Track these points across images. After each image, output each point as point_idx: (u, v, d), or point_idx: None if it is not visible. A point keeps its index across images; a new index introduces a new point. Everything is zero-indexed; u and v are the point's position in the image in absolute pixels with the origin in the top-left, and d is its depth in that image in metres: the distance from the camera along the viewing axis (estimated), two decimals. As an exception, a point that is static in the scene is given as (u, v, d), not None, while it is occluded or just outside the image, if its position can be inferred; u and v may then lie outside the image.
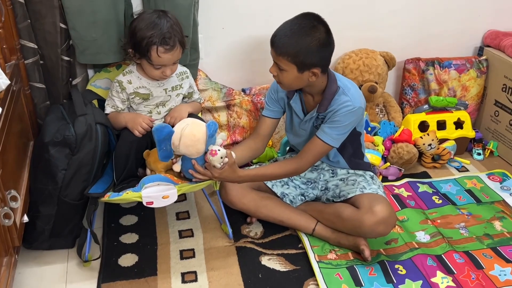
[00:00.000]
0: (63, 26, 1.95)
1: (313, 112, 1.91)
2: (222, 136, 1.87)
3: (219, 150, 1.75)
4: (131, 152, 1.88)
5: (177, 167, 1.84)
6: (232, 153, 1.82)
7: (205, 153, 1.77)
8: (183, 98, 2.07)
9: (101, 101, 2.05)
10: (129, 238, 2.02)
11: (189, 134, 1.73)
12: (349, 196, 1.94)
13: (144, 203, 1.74)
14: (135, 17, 1.91)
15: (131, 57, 1.92)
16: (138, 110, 1.98)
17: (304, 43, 1.72)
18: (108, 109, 1.97)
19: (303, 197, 2.07)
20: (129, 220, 2.12)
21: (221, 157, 1.75)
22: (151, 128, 1.86)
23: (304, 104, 1.95)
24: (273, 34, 1.79)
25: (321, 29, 1.74)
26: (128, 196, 1.75)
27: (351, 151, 2.03)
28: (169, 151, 1.76)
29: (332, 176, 2.07)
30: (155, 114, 2.00)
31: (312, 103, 1.93)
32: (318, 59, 1.75)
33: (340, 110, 1.83)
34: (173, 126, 1.77)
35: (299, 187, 2.09)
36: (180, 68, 2.03)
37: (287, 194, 2.05)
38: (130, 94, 1.94)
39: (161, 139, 1.72)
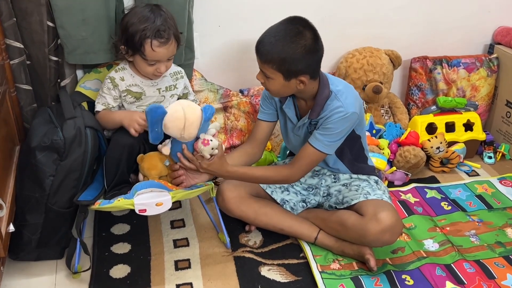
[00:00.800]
0: (50, 24, 1.93)
1: (305, 118, 1.90)
2: (215, 126, 1.86)
3: (211, 140, 1.76)
4: (122, 157, 1.86)
5: (166, 150, 1.84)
6: (223, 145, 1.83)
7: (196, 139, 1.77)
8: (178, 99, 2.05)
9: (91, 104, 2.03)
10: (121, 248, 2.01)
11: (182, 117, 1.73)
12: (353, 202, 1.93)
13: (137, 211, 1.72)
14: (126, 12, 1.90)
15: (123, 55, 1.91)
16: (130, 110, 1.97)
17: (289, 50, 1.70)
18: (99, 107, 1.94)
19: (304, 204, 2.06)
20: (121, 229, 2.11)
21: (212, 148, 1.77)
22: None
23: (297, 109, 1.94)
24: (258, 40, 1.77)
25: (307, 35, 1.72)
26: (119, 203, 1.74)
27: (351, 156, 2.02)
28: (160, 133, 1.77)
29: (334, 182, 2.06)
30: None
31: (305, 108, 1.92)
32: (305, 66, 1.74)
33: (332, 116, 1.81)
34: None
35: (300, 193, 2.08)
36: (174, 68, 2.02)
37: (287, 201, 2.04)
38: (122, 92, 1.93)
39: (154, 120, 1.72)
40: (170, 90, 2.01)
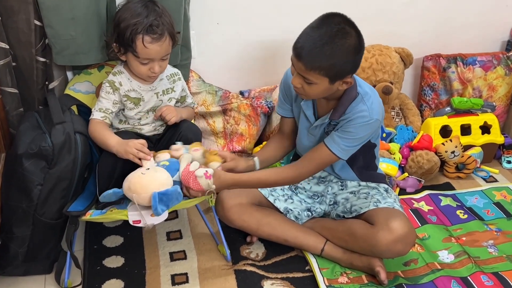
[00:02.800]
0: (38, 23, 1.95)
1: (325, 117, 1.90)
2: (195, 165, 1.81)
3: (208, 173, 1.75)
4: (117, 165, 1.87)
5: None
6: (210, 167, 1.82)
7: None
8: (176, 102, 2.07)
9: (81, 107, 2.06)
10: (114, 261, 2.02)
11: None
12: (362, 211, 1.95)
13: (131, 222, 1.73)
14: (119, 8, 1.92)
15: (116, 53, 1.91)
16: (129, 117, 1.98)
17: (338, 54, 1.68)
18: (96, 114, 1.91)
19: (309, 213, 2.08)
20: (113, 241, 2.12)
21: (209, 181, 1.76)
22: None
23: (316, 108, 1.96)
24: (296, 43, 1.72)
25: (353, 32, 1.71)
26: (112, 214, 1.75)
27: (362, 163, 2.03)
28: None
29: (342, 189, 2.08)
30: (144, 119, 2.01)
31: (326, 107, 1.92)
32: (352, 66, 1.75)
33: (355, 120, 1.82)
34: (165, 122, 1.92)
35: (305, 201, 2.10)
36: (171, 70, 2.04)
37: (291, 210, 2.05)
38: (123, 97, 1.94)
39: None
40: (168, 93, 2.02)
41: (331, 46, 1.66)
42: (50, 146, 1.78)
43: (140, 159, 1.79)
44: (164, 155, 1.84)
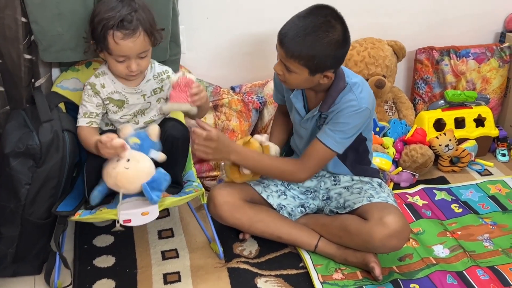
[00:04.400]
0: (23, 19, 1.94)
1: (315, 110, 1.91)
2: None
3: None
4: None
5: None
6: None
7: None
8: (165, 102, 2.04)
9: (69, 104, 2.04)
10: (105, 261, 2.01)
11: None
12: (356, 206, 1.95)
13: (121, 222, 1.73)
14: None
15: (94, 51, 1.86)
16: (114, 121, 1.96)
17: (319, 46, 1.70)
18: (82, 121, 1.87)
19: (303, 209, 2.08)
20: (104, 240, 2.11)
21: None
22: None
23: (306, 101, 1.96)
24: (281, 30, 1.76)
25: (338, 27, 1.72)
26: (102, 214, 1.75)
27: (354, 157, 2.04)
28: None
29: (335, 184, 2.08)
30: (133, 124, 1.97)
31: (315, 100, 1.93)
32: (334, 61, 1.77)
33: (343, 110, 1.83)
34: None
35: (298, 197, 2.09)
36: (158, 68, 1.99)
37: (284, 206, 2.05)
38: (105, 100, 1.90)
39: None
40: (156, 93, 1.97)
41: (313, 37, 1.70)
42: (37, 145, 1.77)
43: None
44: (127, 130, 1.84)
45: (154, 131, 1.85)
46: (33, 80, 2.08)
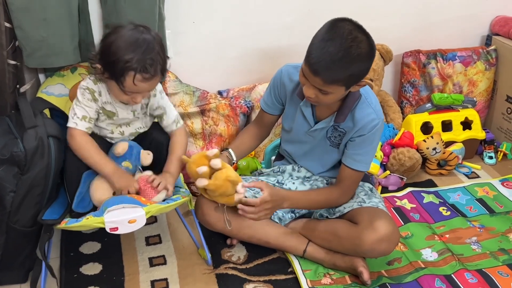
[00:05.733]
0: (7, 25, 1.92)
1: (329, 120, 1.91)
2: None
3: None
4: (84, 170, 1.85)
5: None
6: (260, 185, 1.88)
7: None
8: (153, 118, 2.02)
9: (54, 111, 2.03)
10: (92, 268, 2.00)
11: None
12: (346, 210, 1.95)
13: (108, 230, 1.72)
14: (110, 29, 1.81)
15: (97, 72, 1.81)
16: (100, 127, 1.93)
17: (355, 64, 1.68)
18: (81, 125, 1.82)
19: (293, 214, 2.08)
20: (90, 247, 2.10)
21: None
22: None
23: (314, 110, 1.95)
24: (311, 59, 1.67)
25: (363, 38, 1.69)
26: (88, 222, 1.73)
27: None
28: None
29: (326, 188, 2.08)
30: (117, 134, 1.95)
31: (326, 110, 1.92)
32: (367, 70, 1.76)
33: (365, 127, 1.86)
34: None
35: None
36: None
37: (275, 212, 2.04)
38: (99, 108, 1.87)
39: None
40: (142, 109, 1.95)
41: (348, 59, 1.66)
42: (22, 152, 1.75)
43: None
44: (122, 147, 1.87)
45: (146, 160, 1.93)
46: (18, 86, 2.07)
